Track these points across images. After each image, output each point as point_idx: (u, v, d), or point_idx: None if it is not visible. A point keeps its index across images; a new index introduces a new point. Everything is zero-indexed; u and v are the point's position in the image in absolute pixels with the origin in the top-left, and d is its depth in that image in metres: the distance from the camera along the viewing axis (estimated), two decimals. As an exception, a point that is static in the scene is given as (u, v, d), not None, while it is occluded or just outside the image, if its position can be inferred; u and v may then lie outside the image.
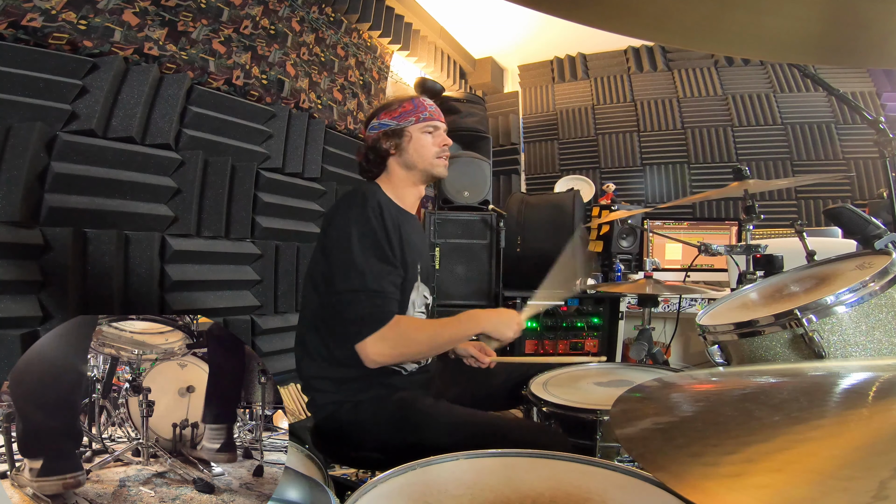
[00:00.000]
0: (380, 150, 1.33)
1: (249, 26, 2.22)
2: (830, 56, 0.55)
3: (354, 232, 1.17)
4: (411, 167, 1.34)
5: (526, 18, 3.73)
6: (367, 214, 1.18)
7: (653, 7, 0.44)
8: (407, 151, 1.33)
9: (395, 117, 1.33)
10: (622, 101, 4.09)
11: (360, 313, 1.15)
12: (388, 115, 1.34)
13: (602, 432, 1.09)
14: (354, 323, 1.15)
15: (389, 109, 1.34)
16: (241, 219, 2.11)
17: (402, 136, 1.32)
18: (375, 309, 1.15)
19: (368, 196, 1.23)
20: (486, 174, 3.21)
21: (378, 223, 1.19)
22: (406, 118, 1.33)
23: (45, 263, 1.47)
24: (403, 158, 1.33)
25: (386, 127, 1.33)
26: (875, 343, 0.92)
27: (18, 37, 1.47)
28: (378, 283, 1.16)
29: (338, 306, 1.19)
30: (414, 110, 1.33)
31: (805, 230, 1.52)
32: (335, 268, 1.19)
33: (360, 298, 1.15)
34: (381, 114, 1.36)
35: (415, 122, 1.33)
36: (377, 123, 1.35)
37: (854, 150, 3.38)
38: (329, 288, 1.20)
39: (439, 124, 1.36)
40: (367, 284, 1.15)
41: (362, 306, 1.15)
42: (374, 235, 1.18)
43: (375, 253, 1.17)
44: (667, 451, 0.40)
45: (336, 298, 1.18)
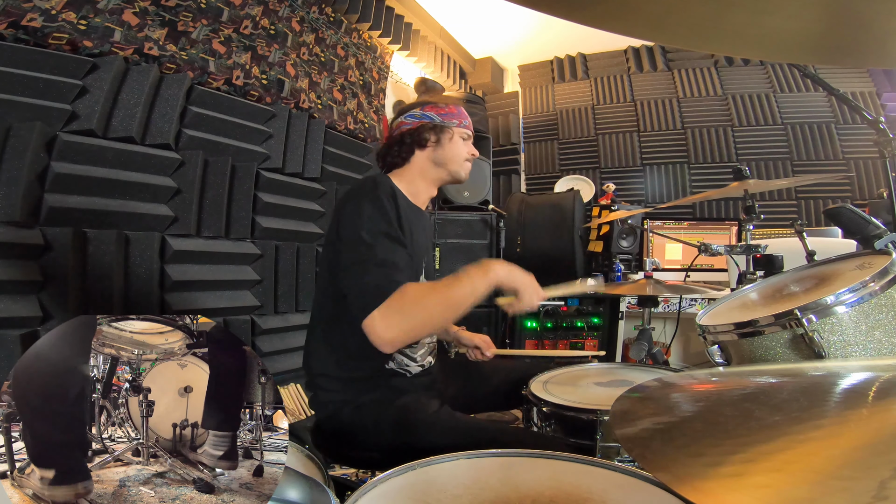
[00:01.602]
0: (419, 140, 1.34)
1: (249, 26, 2.22)
2: (830, 56, 0.55)
3: (365, 211, 1.15)
4: (441, 164, 1.35)
5: (526, 18, 3.73)
6: (379, 196, 1.17)
7: (653, 7, 0.44)
8: (444, 148, 1.35)
9: (442, 115, 1.35)
10: (622, 101, 4.09)
11: (366, 284, 1.07)
12: (436, 110, 1.36)
13: (602, 432, 1.09)
14: (361, 296, 1.07)
15: (437, 106, 1.37)
16: (241, 219, 2.11)
17: (445, 132, 1.35)
18: (382, 279, 1.07)
19: (381, 181, 1.24)
20: (486, 174, 3.21)
21: (390, 205, 1.18)
22: (451, 119, 1.36)
23: (45, 263, 1.47)
24: (437, 154, 1.35)
25: (431, 120, 1.35)
26: (875, 343, 0.92)
27: (18, 37, 1.47)
28: (386, 254, 1.11)
29: (345, 281, 1.13)
30: (458, 115, 1.38)
31: (805, 230, 1.52)
32: (344, 245, 1.15)
33: (367, 269, 1.08)
34: (427, 106, 1.37)
35: (458, 126, 1.36)
36: (421, 113, 1.36)
37: (854, 150, 3.38)
38: (337, 266, 1.16)
39: (472, 135, 1.41)
40: (375, 255, 1.09)
41: (370, 276, 1.07)
42: (385, 215, 1.15)
43: (385, 230, 1.14)
44: (667, 451, 0.40)
45: (343, 274, 1.14)
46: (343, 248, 1.16)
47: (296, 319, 2.35)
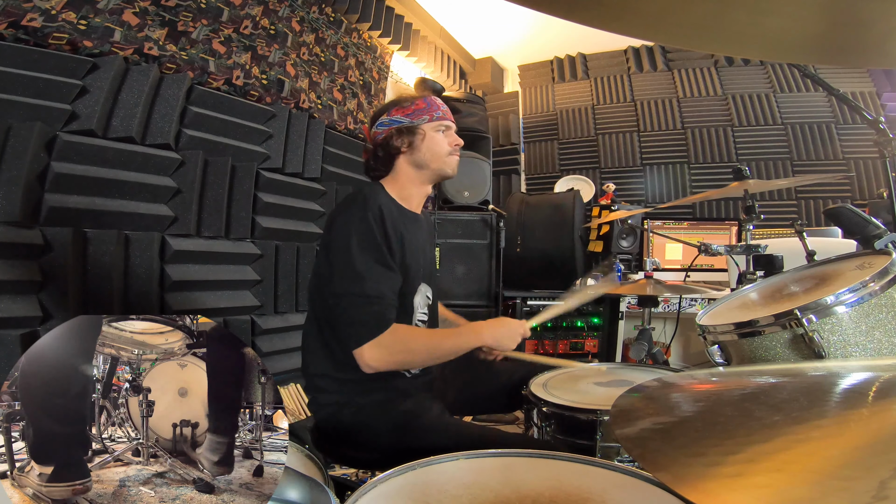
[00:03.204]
0: (390, 148, 1.30)
1: (249, 26, 2.22)
2: (830, 56, 0.55)
3: (354, 235, 1.16)
4: (422, 166, 1.32)
5: (526, 18, 3.73)
6: (366, 218, 1.17)
7: (653, 7, 0.44)
8: (420, 150, 1.30)
9: (409, 114, 1.30)
10: (622, 101, 4.09)
11: (357, 318, 1.14)
12: (401, 111, 1.30)
13: (602, 432, 1.09)
14: (352, 327, 1.14)
15: (401, 106, 1.31)
16: (241, 219, 2.11)
17: (416, 133, 1.30)
18: (373, 315, 1.14)
19: (369, 198, 1.21)
20: (486, 174, 3.21)
21: (378, 227, 1.17)
22: (419, 116, 1.30)
23: (45, 263, 1.47)
24: (415, 157, 1.31)
25: (398, 124, 1.30)
26: (875, 343, 0.92)
27: (18, 37, 1.47)
28: (376, 288, 1.15)
29: (336, 309, 1.18)
30: (427, 109, 1.31)
31: (805, 230, 1.52)
32: (335, 269, 1.18)
33: (357, 303, 1.14)
34: (392, 110, 1.32)
35: (428, 121, 1.30)
36: (388, 120, 1.31)
37: (854, 150, 3.38)
38: (329, 289, 1.20)
39: (450, 124, 1.35)
40: (364, 289, 1.13)
41: (360, 311, 1.14)
42: (373, 240, 1.16)
43: (374, 257, 1.16)
44: (667, 451, 0.40)
45: (334, 301, 1.18)
46: (334, 272, 1.18)
47: (296, 319, 2.34)
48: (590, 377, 1.38)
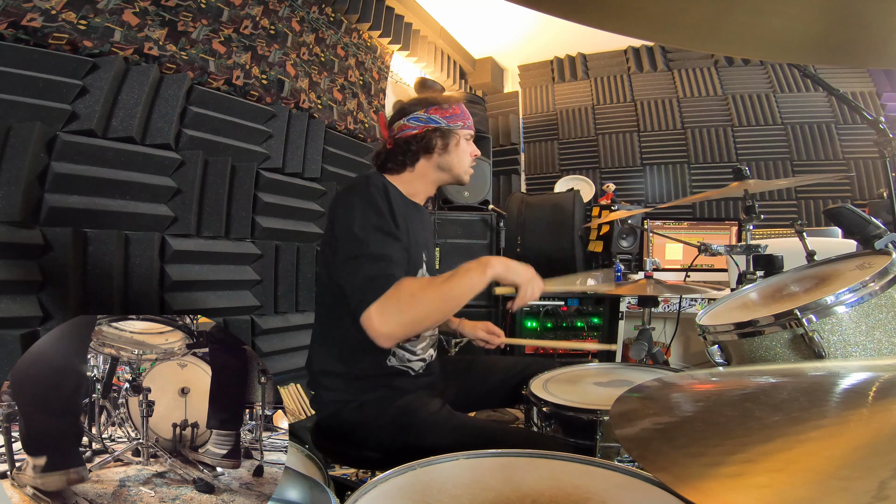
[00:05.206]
0: (426, 146, 1.28)
1: (249, 26, 2.22)
2: (830, 56, 0.55)
3: (357, 207, 1.14)
4: (446, 170, 1.31)
5: (526, 18, 3.73)
6: (370, 192, 1.16)
7: (653, 7, 0.44)
8: (451, 154, 1.30)
9: (447, 117, 1.29)
10: (622, 101, 4.09)
11: (361, 279, 1.06)
12: (440, 112, 1.29)
13: (602, 432, 1.09)
14: (358, 290, 1.06)
15: (441, 108, 1.29)
16: (241, 219, 2.11)
17: (452, 138, 1.29)
18: (377, 272, 1.06)
19: (372, 177, 1.22)
20: (486, 174, 3.21)
21: (382, 200, 1.16)
22: (456, 121, 1.30)
23: (45, 263, 1.47)
24: (444, 160, 1.30)
25: (437, 124, 1.28)
26: (875, 343, 0.92)
27: (18, 37, 1.47)
28: (380, 248, 1.10)
29: (344, 278, 1.13)
30: (462, 115, 1.31)
31: (805, 230, 1.52)
32: (339, 241, 1.15)
33: (361, 264, 1.08)
34: (430, 108, 1.29)
35: (462, 127, 1.30)
36: (426, 117, 1.28)
37: (854, 150, 3.38)
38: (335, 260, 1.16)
39: (473, 133, 1.36)
40: (368, 250, 1.09)
41: (364, 270, 1.07)
42: (377, 210, 1.14)
43: (377, 224, 1.13)
44: (667, 451, 0.40)
45: (342, 270, 1.13)
46: (338, 244, 1.15)
47: (296, 319, 2.35)
48: (590, 377, 1.38)
